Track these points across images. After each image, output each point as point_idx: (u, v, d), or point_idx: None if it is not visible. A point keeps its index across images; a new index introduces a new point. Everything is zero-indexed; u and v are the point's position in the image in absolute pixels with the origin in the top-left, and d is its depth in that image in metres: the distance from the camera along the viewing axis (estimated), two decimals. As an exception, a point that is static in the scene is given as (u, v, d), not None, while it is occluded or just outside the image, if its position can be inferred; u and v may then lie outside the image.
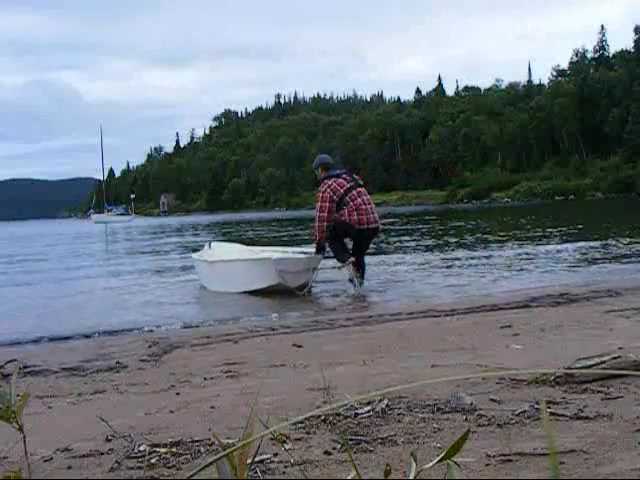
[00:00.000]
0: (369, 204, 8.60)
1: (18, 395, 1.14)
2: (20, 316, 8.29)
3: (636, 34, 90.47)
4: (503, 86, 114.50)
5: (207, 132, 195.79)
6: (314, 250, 8.93)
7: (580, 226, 22.95)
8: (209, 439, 2.49)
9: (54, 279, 12.90)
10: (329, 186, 8.44)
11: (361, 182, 8.84)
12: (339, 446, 2.34)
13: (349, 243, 8.90)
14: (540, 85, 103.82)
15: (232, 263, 9.29)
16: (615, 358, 3.18)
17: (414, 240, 19.62)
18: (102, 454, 2.45)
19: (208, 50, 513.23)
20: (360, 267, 8.89)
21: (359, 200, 8.50)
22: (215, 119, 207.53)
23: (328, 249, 8.81)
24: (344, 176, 8.65)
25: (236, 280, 8.90)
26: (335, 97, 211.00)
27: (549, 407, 2.70)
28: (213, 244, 11.29)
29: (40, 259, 19.71)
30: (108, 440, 2.61)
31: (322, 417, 2.73)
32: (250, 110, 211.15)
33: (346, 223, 8.54)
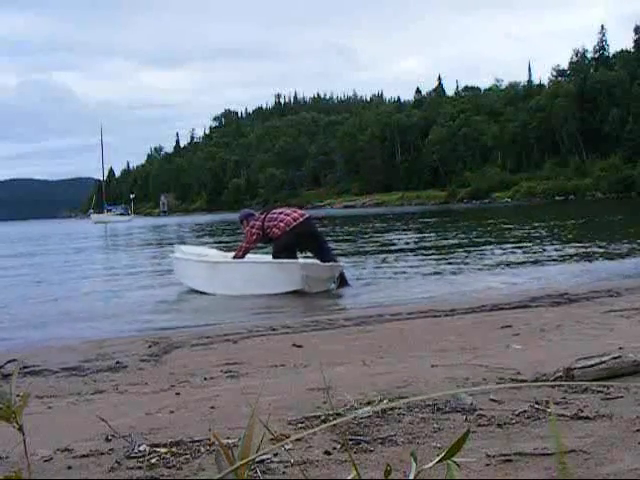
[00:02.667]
0: (289, 209, 9.35)
1: (18, 395, 1.14)
2: (20, 316, 8.29)
3: (636, 34, 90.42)
4: (503, 86, 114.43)
5: (207, 132, 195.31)
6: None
7: (580, 226, 22.96)
8: (209, 439, 2.49)
9: (53, 279, 12.90)
10: (252, 226, 9.30)
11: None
12: (339, 446, 2.34)
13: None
14: (540, 85, 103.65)
15: (254, 265, 9.17)
16: (615, 358, 3.19)
17: (413, 240, 19.63)
18: (102, 454, 2.45)
19: (207, 50, 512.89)
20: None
21: (275, 211, 9.28)
22: (215, 119, 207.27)
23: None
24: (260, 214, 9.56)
25: (257, 283, 8.77)
26: (335, 97, 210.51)
27: (549, 407, 2.70)
28: (181, 247, 11.01)
29: (39, 259, 19.71)
30: (108, 440, 2.61)
31: (322, 417, 2.73)
32: (250, 110, 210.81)
33: (281, 235, 9.07)
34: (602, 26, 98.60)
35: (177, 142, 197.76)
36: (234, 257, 9.42)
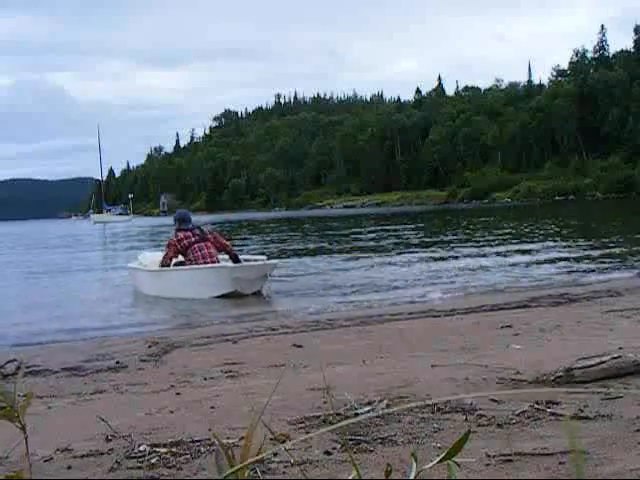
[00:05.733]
0: (208, 257, 9.48)
1: (19, 395, 1.14)
2: (20, 316, 8.29)
3: (636, 34, 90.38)
4: (503, 86, 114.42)
5: (207, 132, 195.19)
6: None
7: (580, 226, 22.95)
8: (209, 439, 2.49)
9: (52, 280, 12.89)
10: (177, 238, 9.60)
11: (209, 235, 9.79)
12: (339, 446, 2.34)
13: None
14: (540, 85, 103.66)
15: (186, 272, 9.40)
16: (615, 358, 3.19)
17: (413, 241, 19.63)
18: (102, 454, 2.45)
19: (207, 50, 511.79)
20: None
21: (199, 254, 9.51)
22: (215, 119, 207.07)
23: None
24: (194, 231, 9.69)
25: (189, 287, 9.08)
26: (335, 97, 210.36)
27: (549, 407, 2.70)
28: (144, 253, 11.39)
29: (39, 260, 19.70)
30: (108, 440, 2.61)
31: (322, 417, 2.73)
32: (250, 110, 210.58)
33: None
34: (602, 26, 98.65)
35: (177, 142, 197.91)
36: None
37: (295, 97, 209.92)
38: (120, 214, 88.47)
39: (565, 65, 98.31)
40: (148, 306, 8.82)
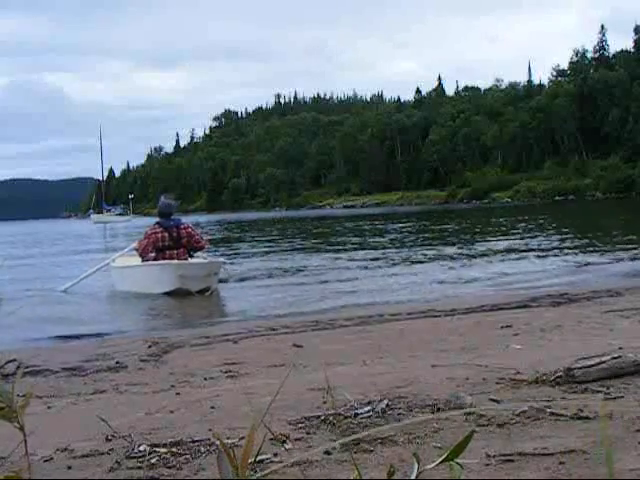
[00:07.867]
0: None
1: (19, 395, 1.14)
2: (20, 316, 8.28)
3: (636, 34, 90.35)
4: (503, 86, 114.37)
5: (207, 132, 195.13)
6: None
7: (580, 226, 22.94)
8: (209, 439, 2.49)
9: (52, 280, 12.87)
10: (156, 234, 9.81)
11: (184, 237, 9.85)
12: (339, 446, 2.34)
13: None
14: (540, 85, 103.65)
15: (138, 268, 9.88)
16: (615, 358, 3.18)
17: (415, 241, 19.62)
18: (102, 454, 2.45)
19: (207, 50, 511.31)
20: None
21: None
22: (215, 119, 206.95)
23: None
24: (172, 231, 9.80)
25: (141, 283, 9.48)
26: (335, 97, 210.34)
27: (549, 407, 2.70)
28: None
29: (39, 259, 19.69)
30: (108, 440, 2.61)
31: (322, 417, 2.73)
32: (250, 110, 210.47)
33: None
34: (602, 26, 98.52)
35: (177, 142, 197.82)
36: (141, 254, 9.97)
37: (295, 97, 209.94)
38: (120, 214, 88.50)
39: (565, 65, 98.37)
40: (148, 306, 8.81)
